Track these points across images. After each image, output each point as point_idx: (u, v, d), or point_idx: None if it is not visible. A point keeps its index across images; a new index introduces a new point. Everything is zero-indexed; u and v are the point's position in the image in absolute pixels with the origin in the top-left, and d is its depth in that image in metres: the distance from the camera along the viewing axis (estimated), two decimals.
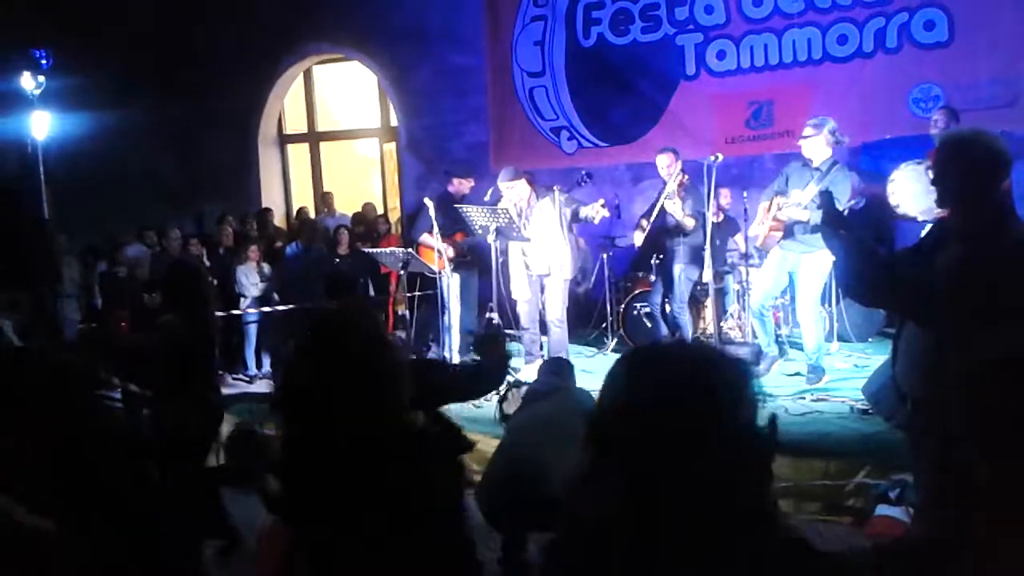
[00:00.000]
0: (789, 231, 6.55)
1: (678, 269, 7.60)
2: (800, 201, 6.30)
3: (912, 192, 6.13)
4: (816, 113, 9.10)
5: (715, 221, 7.79)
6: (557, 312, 7.51)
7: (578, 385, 4.80)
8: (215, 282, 9.08)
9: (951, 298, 2.78)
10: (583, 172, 7.80)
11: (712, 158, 6.84)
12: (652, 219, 7.70)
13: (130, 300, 8.62)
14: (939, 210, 6.68)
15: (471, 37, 10.73)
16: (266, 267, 9.27)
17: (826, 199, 3.04)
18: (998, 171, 2.90)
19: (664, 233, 7.77)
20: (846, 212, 7.52)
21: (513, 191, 7.51)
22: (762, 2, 9.23)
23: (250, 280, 9.07)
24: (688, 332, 7.83)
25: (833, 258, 5.89)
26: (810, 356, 6.85)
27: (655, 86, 9.83)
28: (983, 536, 1.49)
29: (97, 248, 10.65)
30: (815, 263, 6.46)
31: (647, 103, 9.84)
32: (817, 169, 6.39)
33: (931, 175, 3.02)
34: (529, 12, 10.41)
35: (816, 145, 6.40)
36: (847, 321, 8.10)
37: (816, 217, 6.15)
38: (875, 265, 2.93)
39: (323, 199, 11.98)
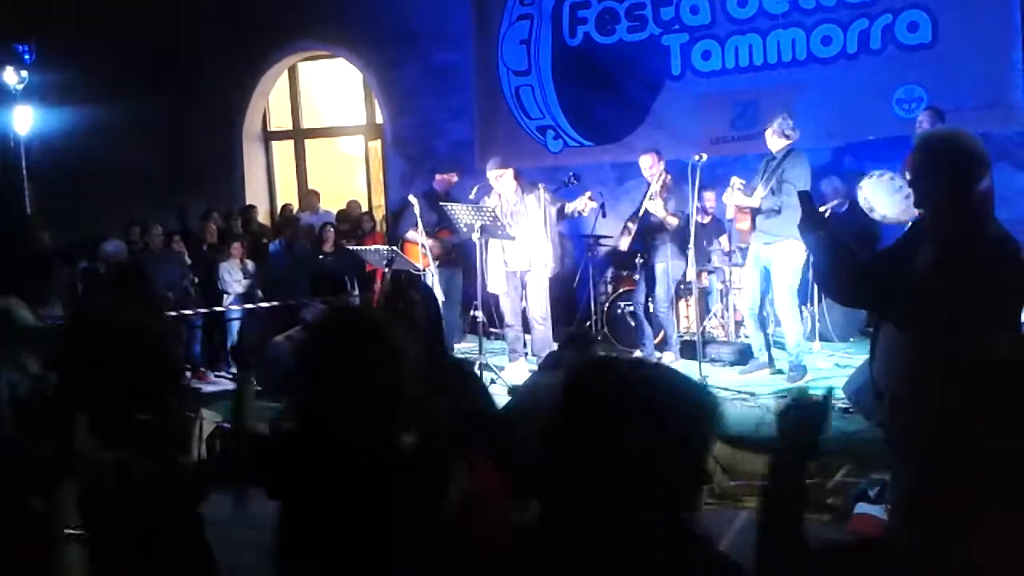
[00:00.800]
0: (756, 225, 6.93)
1: (660, 268, 7.61)
2: (742, 187, 6.87)
3: (883, 198, 6.64)
4: (800, 113, 9.17)
5: (700, 221, 7.80)
6: (539, 310, 7.51)
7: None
8: (196, 280, 9.08)
9: (925, 298, 2.78)
10: (570, 173, 7.82)
11: (696, 158, 6.86)
12: (638, 220, 7.71)
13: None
14: (916, 211, 6.91)
15: (457, 35, 10.71)
16: (250, 264, 9.24)
17: (804, 199, 3.04)
18: (975, 172, 2.89)
19: (648, 232, 7.79)
20: (828, 213, 7.61)
21: (501, 180, 7.50)
22: (747, 3, 9.26)
23: (233, 277, 9.04)
24: (672, 331, 7.84)
25: (803, 249, 6.10)
26: (791, 353, 6.90)
27: (640, 86, 9.84)
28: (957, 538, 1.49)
29: (82, 244, 10.58)
30: (784, 254, 6.67)
31: (632, 103, 9.85)
32: (774, 158, 6.87)
33: (906, 177, 3.05)
34: (515, 11, 10.40)
35: (771, 139, 6.94)
36: (828, 320, 8.13)
37: (768, 203, 6.48)
38: (851, 264, 2.93)
39: (307, 197, 11.93)
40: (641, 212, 7.60)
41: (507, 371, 7.35)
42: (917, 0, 8.60)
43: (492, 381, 6.97)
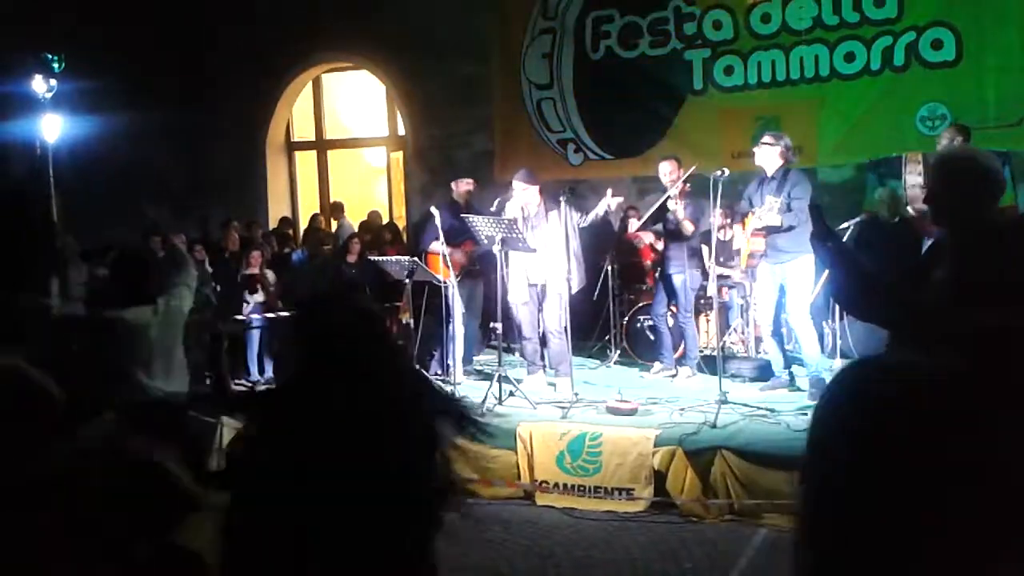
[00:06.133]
0: (770, 245, 6.81)
1: (679, 279, 7.63)
2: (771, 207, 6.61)
3: None
4: (822, 129, 9.15)
5: (721, 239, 7.79)
6: (555, 323, 7.50)
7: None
8: (217, 287, 9.14)
9: (939, 317, 2.78)
10: (566, 188, 7.63)
11: (718, 172, 6.85)
12: (645, 219, 7.84)
13: None
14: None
15: (480, 48, 10.76)
16: (270, 274, 9.29)
17: (815, 212, 3.07)
18: (990, 190, 2.92)
19: (666, 242, 7.83)
20: (850, 230, 7.56)
21: (525, 193, 7.47)
22: (770, 19, 9.26)
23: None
24: (693, 343, 7.83)
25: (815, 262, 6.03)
26: (810, 367, 6.87)
27: (662, 100, 9.85)
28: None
29: (103, 251, 10.66)
30: (799, 270, 6.68)
31: (654, 117, 9.86)
32: (772, 178, 6.81)
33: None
34: (538, 24, 10.45)
35: (771, 155, 6.83)
36: (850, 337, 8.08)
37: (789, 219, 6.44)
38: (862, 278, 2.94)
39: (333, 208, 12.01)
40: (653, 210, 7.63)
41: (525, 384, 7.36)
42: (941, 18, 8.57)
43: (511, 393, 6.98)
